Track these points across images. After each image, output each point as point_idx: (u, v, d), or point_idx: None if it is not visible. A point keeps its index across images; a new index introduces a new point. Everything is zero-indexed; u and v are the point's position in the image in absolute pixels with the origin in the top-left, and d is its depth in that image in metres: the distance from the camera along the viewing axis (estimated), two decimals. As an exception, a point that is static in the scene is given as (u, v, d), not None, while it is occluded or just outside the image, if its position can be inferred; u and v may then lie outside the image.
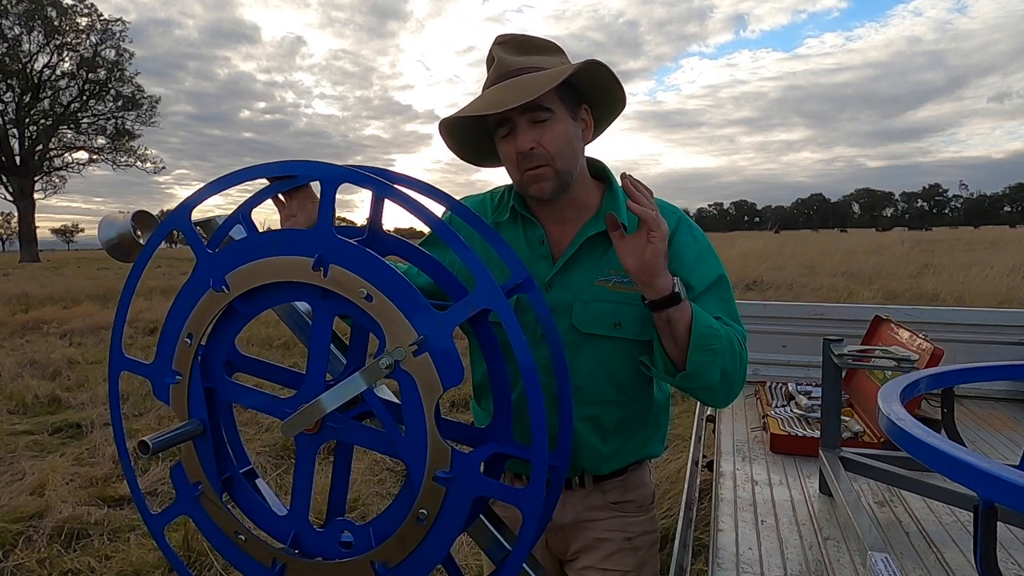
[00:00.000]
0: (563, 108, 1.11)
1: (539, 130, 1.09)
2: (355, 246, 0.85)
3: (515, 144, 1.10)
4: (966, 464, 0.65)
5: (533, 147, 1.09)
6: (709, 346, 1.04)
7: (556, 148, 1.10)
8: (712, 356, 1.04)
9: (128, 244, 1.06)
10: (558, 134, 1.10)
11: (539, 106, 1.07)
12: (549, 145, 1.09)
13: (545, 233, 1.20)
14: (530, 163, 1.10)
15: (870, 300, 9.24)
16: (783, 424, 1.97)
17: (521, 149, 1.09)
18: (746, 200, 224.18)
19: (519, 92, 1.05)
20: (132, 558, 2.79)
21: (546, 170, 1.10)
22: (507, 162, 1.15)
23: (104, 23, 39.46)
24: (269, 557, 0.94)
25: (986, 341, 2.45)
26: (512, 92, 1.06)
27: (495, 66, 1.12)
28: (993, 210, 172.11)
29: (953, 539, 1.28)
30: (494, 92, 1.09)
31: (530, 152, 1.09)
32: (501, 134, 1.13)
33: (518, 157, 1.10)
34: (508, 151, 1.13)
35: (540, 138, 1.09)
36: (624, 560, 1.26)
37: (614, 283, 1.16)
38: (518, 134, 1.09)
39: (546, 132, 1.09)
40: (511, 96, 1.05)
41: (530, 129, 1.09)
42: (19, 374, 6.24)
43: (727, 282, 1.18)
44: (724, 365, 1.06)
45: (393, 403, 0.90)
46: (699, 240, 1.19)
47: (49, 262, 35.18)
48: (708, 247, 1.20)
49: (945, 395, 1.55)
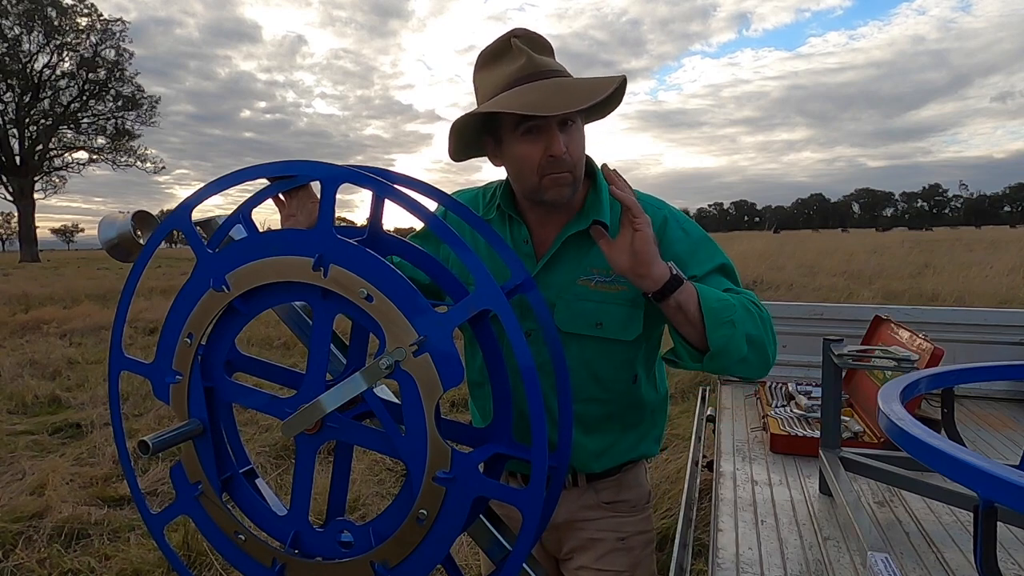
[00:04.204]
0: (580, 116, 1.11)
1: (567, 136, 1.08)
2: (355, 246, 0.85)
3: (544, 147, 1.07)
4: (966, 464, 0.64)
5: (564, 152, 1.07)
6: (726, 318, 1.01)
7: (579, 155, 1.11)
8: (732, 328, 1.01)
9: (128, 244, 1.06)
10: (580, 141, 1.11)
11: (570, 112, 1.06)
12: (575, 152, 1.09)
13: (530, 232, 1.20)
14: (557, 168, 1.08)
15: (870, 300, 9.24)
16: (783, 424, 1.97)
17: (557, 153, 1.06)
18: (746, 200, 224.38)
19: (580, 96, 1.02)
20: (132, 558, 2.78)
21: (567, 176, 1.10)
22: (524, 163, 1.10)
23: (104, 23, 39.52)
24: (269, 557, 0.94)
25: (986, 341, 2.45)
26: (572, 96, 1.03)
27: (525, 62, 1.07)
28: (993, 210, 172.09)
29: (953, 539, 1.28)
30: (540, 90, 1.04)
31: (561, 157, 1.07)
32: (521, 131, 1.08)
33: (546, 160, 1.07)
34: (530, 152, 1.08)
35: (568, 143, 1.08)
36: (618, 560, 1.27)
37: (596, 282, 1.15)
38: (550, 138, 1.07)
39: (573, 139, 1.09)
40: (573, 100, 1.02)
41: (561, 133, 1.07)
42: (19, 374, 6.25)
43: (732, 266, 1.16)
44: (748, 332, 1.03)
45: (393, 403, 0.90)
46: (691, 233, 1.17)
47: (49, 262, 35.18)
48: (703, 238, 1.17)
49: (945, 395, 1.55)
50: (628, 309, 1.15)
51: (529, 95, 1.04)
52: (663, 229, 1.15)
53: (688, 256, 1.13)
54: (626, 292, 1.15)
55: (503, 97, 1.06)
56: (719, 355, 1.02)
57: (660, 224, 1.15)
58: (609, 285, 1.14)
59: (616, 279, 1.14)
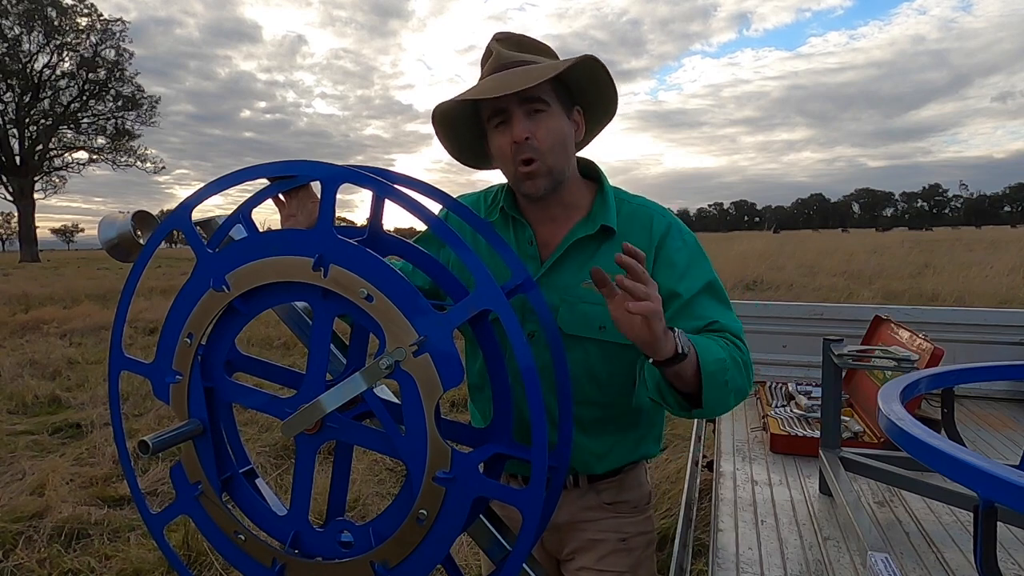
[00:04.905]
0: (558, 104, 1.10)
1: (535, 122, 1.08)
2: (355, 246, 0.85)
3: (510, 134, 1.08)
4: (966, 464, 0.65)
5: (528, 137, 1.07)
6: (721, 381, 1.01)
7: (550, 143, 1.09)
8: (725, 388, 1.02)
9: (128, 244, 1.06)
10: (552, 128, 1.09)
11: (536, 97, 1.07)
12: (543, 139, 1.08)
13: (534, 234, 1.20)
14: (523, 154, 1.09)
15: (870, 300, 9.24)
16: (783, 424, 1.97)
17: (516, 138, 1.07)
18: (746, 200, 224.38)
19: (519, 79, 1.04)
20: (132, 558, 2.78)
21: (538, 166, 1.09)
22: (501, 156, 1.13)
23: (104, 23, 39.53)
24: (269, 557, 0.94)
25: (986, 341, 2.45)
26: (512, 79, 1.05)
27: (493, 58, 1.11)
28: (993, 210, 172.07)
29: (953, 539, 1.28)
30: (492, 79, 1.08)
31: (525, 142, 1.08)
32: (494, 124, 1.11)
33: (513, 148, 1.09)
34: (502, 143, 1.11)
35: (535, 130, 1.08)
36: (619, 561, 1.26)
37: None
38: (513, 123, 1.08)
39: (541, 125, 1.08)
40: (510, 82, 1.04)
41: (525, 119, 1.08)
42: (19, 374, 6.25)
43: (719, 283, 1.17)
44: (737, 386, 1.05)
45: (393, 403, 0.90)
46: (689, 244, 1.18)
47: (49, 262, 35.18)
48: (698, 250, 1.18)
49: (945, 395, 1.55)
50: None
51: (488, 83, 1.08)
52: (666, 235, 1.16)
53: (684, 268, 1.14)
54: None
55: (467, 89, 1.10)
56: (708, 410, 1.03)
57: (664, 230, 1.16)
58: None
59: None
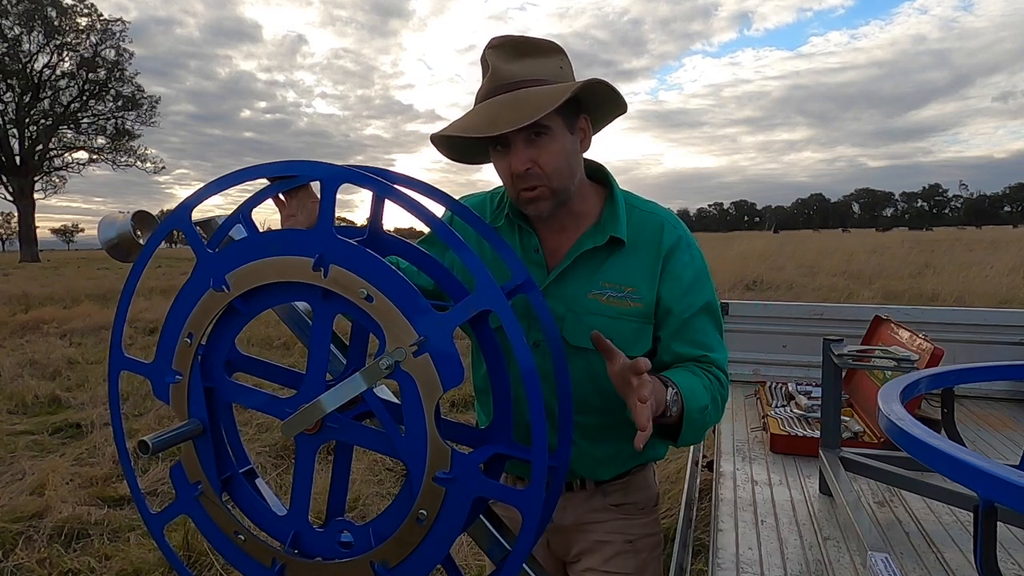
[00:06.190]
0: (560, 122, 1.05)
1: (536, 149, 1.04)
2: (355, 246, 0.85)
3: (510, 163, 1.05)
4: (966, 464, 0.65)
5: (529, 167, 1.04)
6: (700, 424, 1.05)
7: (553, 168, 1.05)
8: (701, 430, 1.06)
9: (128, 244, 1.06)
10: (555, 152, 1.05)
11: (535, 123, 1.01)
12: (546, 165, 1.05)
13: (540, 241, 1.18)
14: (525, 183, 1.06)
15: (870, 300, 9.24)
16: (783, 424, 1.97)
17: (516, 171, 1.04)
18: (746, 200, 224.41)
19: (514, 114, 0.99)
20: (132, 558, 2.79)
21: (542, 191, 1.07)
22: (502, 177, 1.10)
23: (104, 23, 39.51)
24: (269, 557, 0.94)
25: (986, 341, 2.45)
26: (507, 112, 1.00)
27: (489, 76, 1.06)
28: (993, 210, 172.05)
29: (953, 539, 1.28)
30: (488, 108, 1.03)
31: (526, 173, 1.04)
32: (494, 146, 1.07)
33: (513, 177, 1.06)
34: (503, 168, 1.08)
35: (537, 157, 1.04)
36: (625, 562, 1.26)
37: (608, 297, 1.13)
38: (513, 154, 1.04)
39: (543, 151, 1.04)
40: (505, 117, 0.99)
41: (526, 148, 1.03)
42: (19, 374, 6.25)
43: (717, 304, 1.18)
44: (712, 423, 1.09)
45: (393, 403, 0.90)
46: (695, 260, 1.17)
47: (49, 262, 35.17)
48: (704, 269, 1.18)
49: (945, 395, 1.55)
50: (639, 325, 1.14)
51: (483, 113, 1.03)
52: (675, 248, 1.15)
53: (688, 286, 1.14)
54: (638, 308, 1.13)
55: (459, 119, 1.08)
56: (679, 444, 1.07)
57: (674, 242, 1.15)
58: (621, 300, 1.13)
59: (628, 294, 1.13)
